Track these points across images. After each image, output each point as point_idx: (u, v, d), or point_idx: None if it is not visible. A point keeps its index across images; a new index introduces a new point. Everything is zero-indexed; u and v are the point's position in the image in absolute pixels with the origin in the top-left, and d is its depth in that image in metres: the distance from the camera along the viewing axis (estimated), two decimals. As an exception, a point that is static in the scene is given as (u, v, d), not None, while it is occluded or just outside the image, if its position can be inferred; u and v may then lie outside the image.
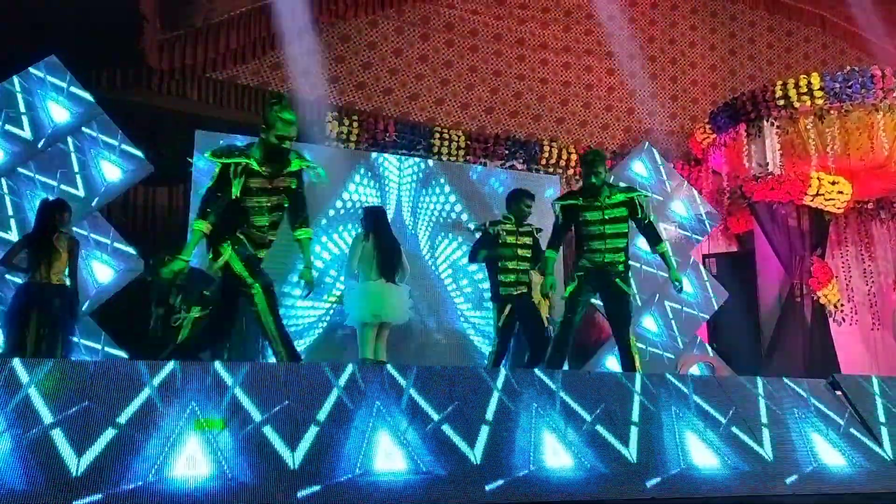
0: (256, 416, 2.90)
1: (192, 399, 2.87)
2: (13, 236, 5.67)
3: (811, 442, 3.74)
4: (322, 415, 2.99)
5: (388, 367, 3.39)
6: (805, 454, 3.65)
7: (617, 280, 5.03)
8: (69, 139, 6.11)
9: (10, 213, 5.76)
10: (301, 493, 2.67)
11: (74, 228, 5.77)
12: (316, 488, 2.71)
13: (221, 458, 2.71)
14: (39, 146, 5.98)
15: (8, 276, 5.59)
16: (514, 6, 10.53)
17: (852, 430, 3.93)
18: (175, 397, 2.87)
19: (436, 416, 3.13)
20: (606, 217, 5.03)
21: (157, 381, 2.91)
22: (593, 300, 5.63)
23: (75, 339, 5.64)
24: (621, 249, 5.09)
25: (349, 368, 3.27)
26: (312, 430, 2.91)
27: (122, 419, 2.74)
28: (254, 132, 8.29)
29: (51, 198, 5.57)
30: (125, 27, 7.54)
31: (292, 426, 2.90)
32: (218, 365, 3.08)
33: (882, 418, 4.06)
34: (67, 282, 5.38)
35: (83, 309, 5.78)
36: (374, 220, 6.35)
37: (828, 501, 3.42)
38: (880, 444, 3.88)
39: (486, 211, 8.11)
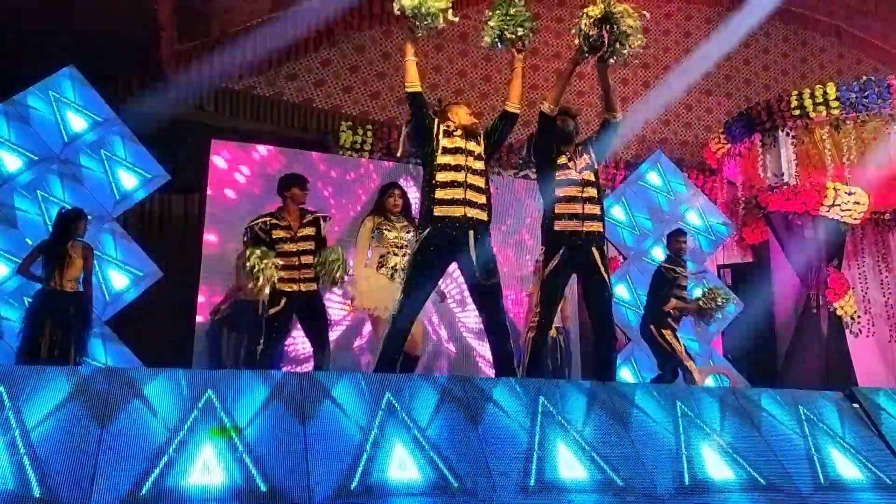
0: (269, 422, 2.91)
1: (206, 406, 2.89)
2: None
3: (828, 455, 3.70)
4: (335, 423, 2.99)
5: (399, 376, 3.40)
6: (821, 467, 3.62)
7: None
8: (87, 148, 6.18)
9: (28, 220, 5.82)
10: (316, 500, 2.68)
11: (91, 236, 5.83)
12: (330, 496, 2.71)
13: (235, 464, 2.72)
14: (58, 155, 6.05)
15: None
16: (527, 16, 10.54)
17: (869, 443, 3.88)
18: (189, 404, 2.88)
19: (446, 427, 3.13)
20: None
21: (170, 387, 2.92)
22: None
23: (92, 345, 5.68)
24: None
25: (363, 377, 3.28)
26: (326, 435, 2.92)
27: (136, 426, 2.76)
28: (268, 142, 8.46)
29: (67, 207, 5.64)
30: (143, 38, 7.62)
31: (305, 434, 2.91)
32: (235, 372, 3.10)
33: (900, 431, 4.01)
34: (81, 289, 5.43)
35: (99, 315, 5.83)
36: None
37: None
38: (898, 458, 3.84)
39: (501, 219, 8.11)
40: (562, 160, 4.37)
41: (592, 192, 4.35)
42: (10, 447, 2.57)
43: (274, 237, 4.93)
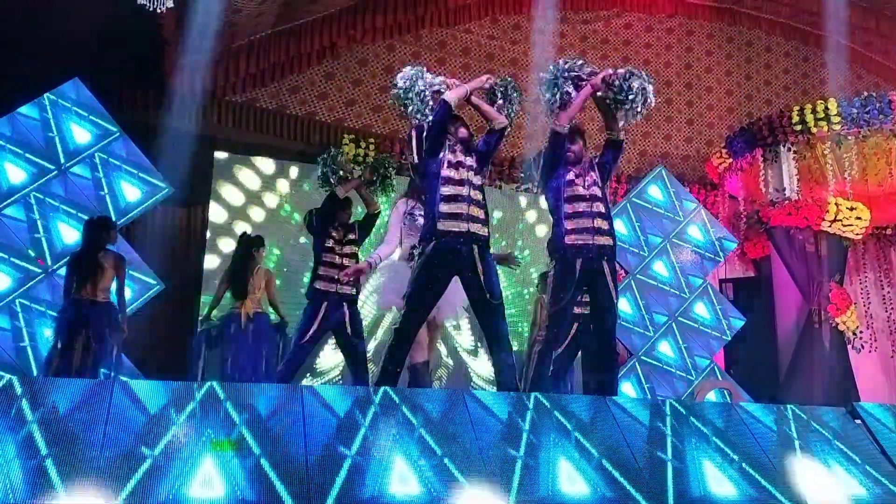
0: (270, 438, 2.91)
1: (209, 420, 2.88)
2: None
3: (830, 471, 3.69)
4: (334, 434, 2.99)
5: (405, 389, 3.39)
6: (824, 483, 3.60)
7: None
8: (91, 160, 6.20)
9: (37, 233, 5.83)
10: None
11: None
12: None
13: (236, 479, 2.71)
14: (62, 167, 6.07)
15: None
16: (530, 31, 10.61)
17: (872, 459, 3.87)
18: (192, 418, 2.88)
19: (446, 441, 3.12)
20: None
21: (173, 401, 2.92)
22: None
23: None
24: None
25: (363, 389, 3.27)
26: (330, 453, 2.91)
27: (138, 439, 2.76)
28: (271, 154, 8.48)
29: (96, 215, 5.57)
30: (148, 51, 7.67)
31: (309, 448, 2.90)
32: (234, 386, 3.10)
33: (903, 448, 4.00)
34: (113, 299, 5.35)
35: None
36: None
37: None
38: (901, 474, 3.82)
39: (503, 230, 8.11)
40: (570, 176, 4.42)
41: (601, 207, 4.40)
42: (24, 455, 2.57)
43: (328, 233, 5.30)
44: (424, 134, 4.22)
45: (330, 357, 7.83)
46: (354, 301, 5.28)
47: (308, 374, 7.65)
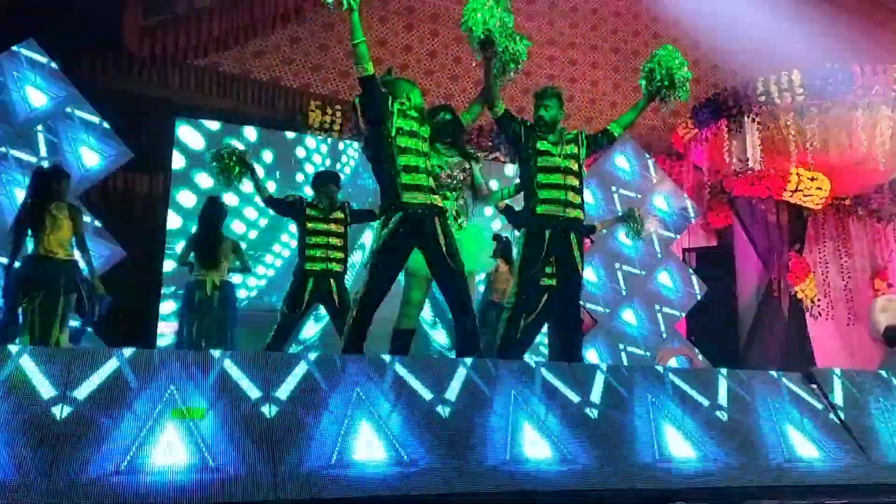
0: (239, 402, 2.89)
1: (171, 386, 2.86)
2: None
3: (786, 434, 3.79)
4: (299, 401, 2.99)
5: (370, 356, 3.40)
6: (780, 446, 3.70)
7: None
8: (48, 124, 6.04)
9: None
10: (283, 482, 2.67)
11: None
12: (297, 476, 2.71)
13: (200, 446, 2.70)
14: (17, 131, 5.90)
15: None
16: (500, -2, 10.48)
17: (827, 422, 3.99)
18: (153, 384, 2.85)
19: (420, 404, 3.14)
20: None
21: (134, 367, 2.89)
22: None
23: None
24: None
25: (328, 355, 3.27)
26: (292, 417, 2.91)
27: (97, 406, 2.73)
28: (233, 120, 8.33)
29: (46, 164, 5.27)
30: (106, 13, 7.44)
31: (274, 413, 2.90)
32: (200, 351, 3.07)
33: (855, 411, 4.13)
34: (74, 256, 4.98)
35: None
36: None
37: (803, 493, 3.47)
38: (853, 437, 3.94)
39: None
40: (543, 146, 4.38)
41: (575, 181, 4.41)
42: None
43: (308, 214, 5.33)
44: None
45: (311, 327, 7.83)
46: (342, 275, 5.39)
47: (293, 343, 7.61)
